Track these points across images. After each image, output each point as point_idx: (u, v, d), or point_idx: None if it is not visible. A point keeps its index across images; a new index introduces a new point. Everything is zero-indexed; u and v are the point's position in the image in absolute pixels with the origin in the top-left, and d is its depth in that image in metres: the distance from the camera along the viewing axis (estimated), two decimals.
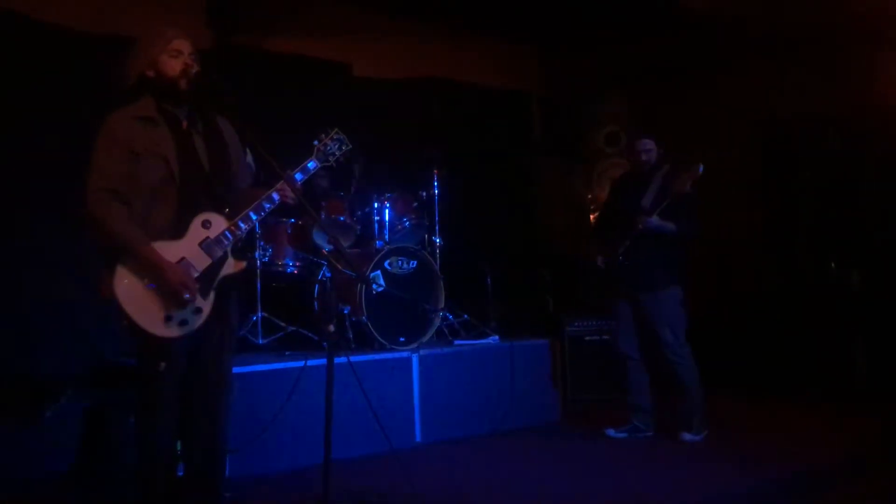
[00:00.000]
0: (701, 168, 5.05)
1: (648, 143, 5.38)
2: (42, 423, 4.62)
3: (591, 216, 8.32)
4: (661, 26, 7.31)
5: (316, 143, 3.64)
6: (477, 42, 7.98)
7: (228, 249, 3.37)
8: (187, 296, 3.21)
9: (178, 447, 3.50)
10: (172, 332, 3.21)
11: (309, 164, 3.58)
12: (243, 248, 5.38)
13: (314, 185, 6.27)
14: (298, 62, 6.87)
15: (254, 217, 3.40)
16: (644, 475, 4.51)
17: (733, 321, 7.18)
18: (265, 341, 5.56)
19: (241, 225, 3.37)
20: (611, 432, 5.46)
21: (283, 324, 5.69)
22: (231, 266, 3.38)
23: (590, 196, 8.35)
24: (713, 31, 7.15)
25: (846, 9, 6.47)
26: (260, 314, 5.65)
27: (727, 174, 7.23)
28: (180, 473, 3.51)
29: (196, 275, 3.26)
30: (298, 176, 3.53)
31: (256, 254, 5.68)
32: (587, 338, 6.90)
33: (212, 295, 3.31)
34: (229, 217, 3.37)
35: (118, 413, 4.65)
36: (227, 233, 3.34)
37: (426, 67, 7.73)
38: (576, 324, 6.92)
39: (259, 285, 5.69)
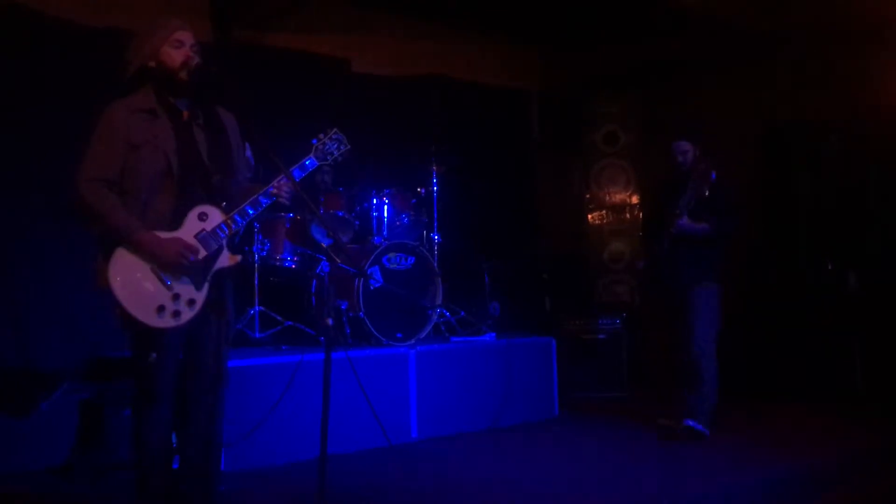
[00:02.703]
0: (714, 175, 5.05)
1: (684, 145, 5.37)
2: (37, 416, 4.61)
3: (589, 216, 8.35)
4: (661, 26, 7.31)
5: (315, 141, 3.64)
6: (477, 40, 7.98)
7: (224, 242, 3.36)
8: (192, 257, 3.22)
9: (174, 439, 3.51)
10: (165, 322, 3.20)
11: (307, 162, 3.58)
12: (241, 242, 5.42)
13: (315, 181, 6.29)
14: (298, 58, 6.86)
15: (250, 211, 3.39)
16: (642, 471, 4.51)
17: (731, 323, 7.17)
18: (262, 335, 5.55)
19: (238, 219, 3.36)
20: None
21: (280, 318, 5.68)
22: (226, 259, 3.37)
23: (588, 195, 8.37)
24: (713, 32, 7.15)
25: (845, 11, 6.48)
26: (257, 308, 5.64)
27: (725, 175, 7.23)
28: (175, 466, 3.51)
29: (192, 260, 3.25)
30: (296, 173, 3.53)
31: (254, 248, 5.67)
32: (584, 336, 6.92)
33: (206, 287, 3.30)
34: (226, 210, 3.37)
35: (114, 406, 4.65)
36: (223, 225, 3.33)
37: (426, 64, 7.73)
38: (572, 322, 6.93)
39: (257, 279, 5.68)
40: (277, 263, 5.88)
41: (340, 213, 5.90)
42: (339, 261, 5.65)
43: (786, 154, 7.31)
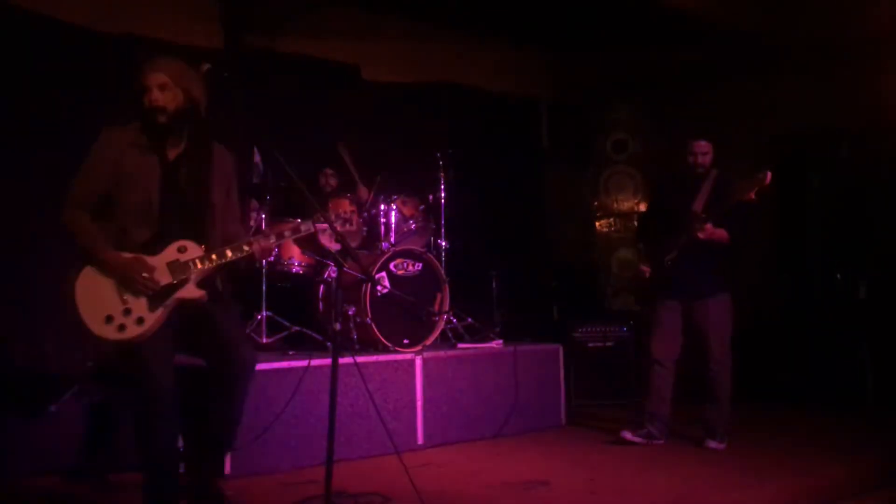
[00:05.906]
0: (769, 175, 4.82)
1: (706, 146, 5.20)
2: (46, 419, 4.63)
3: (597, 223, 8.34)
4: (671, 35, 7.32)
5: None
6: (486, 47, 8.00)
7: (191, 276, 3.48)
8: (146, 274, 3.38)
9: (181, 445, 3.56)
10: (107, 333, 3.35)
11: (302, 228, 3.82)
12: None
13: (322, 186, 6.31)
14: (308, 64, 6.89)
15: (229, 254, 3.53)
16: (648, 480, 4.50)
17: (741, 331, 7.15)
18: (269, 340, 5.58)
19: (214, 258, 3.51)
20: (627, 435, 5.33)
21: (287, 323, 5.70)
22: (188, 291, 3.49)
23: (596, 202, 8.37)
24: (723, 40, 7.15)
25: (856, 20, 6.47)
26: (265, 313, 5.67)
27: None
28: (181, 471, 3.56)
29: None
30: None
31: None
32: (591, 344, 6.92)
33: (161, 311, 3.42)
34: (206, 250, 3.52)
35: (122, 410, 4.67)
36: (196, 261, 3.48)
37: (435, 72, 7.75)
38: (580, 329, 6.93)
39: (265, 284, 5.70)
40: (285, 269, 5.90)
41: None
42: (346, 266, 5.65)
43: (796, 164, 7.31)
